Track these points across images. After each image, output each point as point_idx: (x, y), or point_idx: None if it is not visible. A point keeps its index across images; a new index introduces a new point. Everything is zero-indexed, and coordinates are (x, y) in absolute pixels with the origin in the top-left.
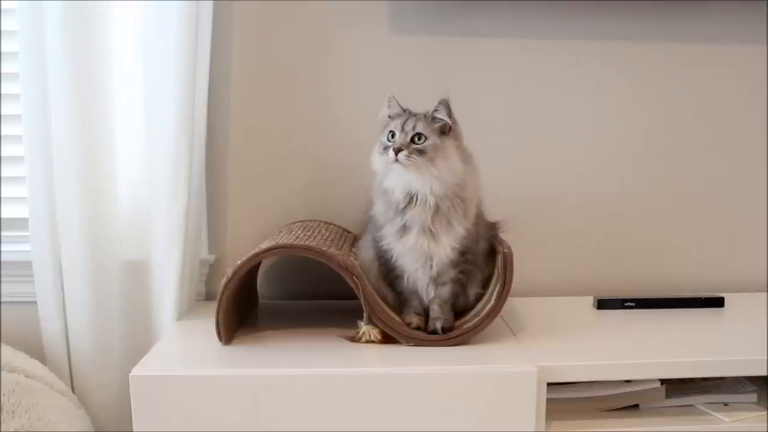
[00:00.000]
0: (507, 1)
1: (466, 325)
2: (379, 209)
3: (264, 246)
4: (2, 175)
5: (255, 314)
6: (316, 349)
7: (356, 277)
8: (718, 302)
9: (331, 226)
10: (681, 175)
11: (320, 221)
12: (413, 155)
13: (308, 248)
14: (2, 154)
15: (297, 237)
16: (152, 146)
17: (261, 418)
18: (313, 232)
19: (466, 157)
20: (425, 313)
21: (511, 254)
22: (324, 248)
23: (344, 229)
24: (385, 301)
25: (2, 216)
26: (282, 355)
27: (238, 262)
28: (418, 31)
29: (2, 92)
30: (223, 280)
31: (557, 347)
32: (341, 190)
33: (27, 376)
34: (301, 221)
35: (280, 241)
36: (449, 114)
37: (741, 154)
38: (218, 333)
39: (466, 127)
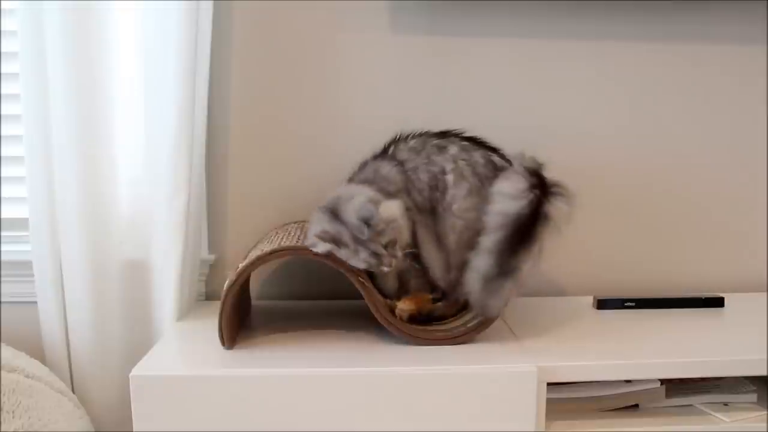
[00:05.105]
0: (507, 1)
1: (469, 325)
2: None
3: (267, 249)
4: (2, 175)
5: (249, 315)
6: (314, 349)
7: (361, 278)
8: (718, 302)
9: None
10: (681, 174)
11: None
12: None
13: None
14: (2, 154)
15: (298, 238)
16: (152, 146)
17: (261, 418)
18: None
19: None
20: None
21: None
22: None
23: None
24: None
25: (2, 216)
26: (280, 356)
27: (240, 266)
28: (418, 31)
29: (2, 92)
30: (226, 285)
31: (557, 347)
32: None
33: (27, 376)
34: (296, 222)
35: (283, 244)
36: None
37: (741, 154)
38: (221, 337)
39: (466, 127)
